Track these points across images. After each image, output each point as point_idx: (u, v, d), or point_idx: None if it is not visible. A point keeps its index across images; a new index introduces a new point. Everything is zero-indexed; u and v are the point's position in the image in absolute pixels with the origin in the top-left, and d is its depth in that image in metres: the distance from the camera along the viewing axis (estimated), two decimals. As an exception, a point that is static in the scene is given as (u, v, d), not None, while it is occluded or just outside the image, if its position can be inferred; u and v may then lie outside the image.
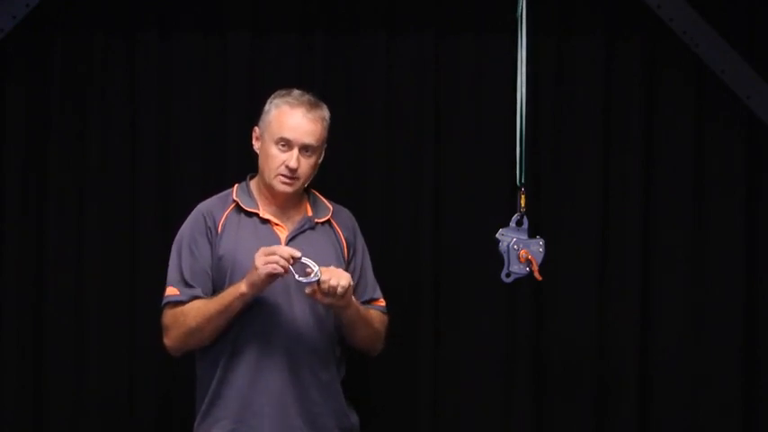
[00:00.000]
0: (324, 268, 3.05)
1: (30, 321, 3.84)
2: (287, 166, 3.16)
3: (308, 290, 3.06)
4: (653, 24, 3.85)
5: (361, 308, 3.21)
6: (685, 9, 3.81)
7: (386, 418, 3.83)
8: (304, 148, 3.18)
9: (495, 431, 3.89)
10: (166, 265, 3.24)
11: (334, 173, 3.74)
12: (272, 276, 3.03)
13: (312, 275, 3.04)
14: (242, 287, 3.07)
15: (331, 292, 3.03)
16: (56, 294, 3.84)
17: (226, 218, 3.23)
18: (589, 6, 3.90)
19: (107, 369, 3.83)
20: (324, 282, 3.03)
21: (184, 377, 3.45)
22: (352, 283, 3.09)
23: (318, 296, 3.06)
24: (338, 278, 3.05)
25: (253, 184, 3.29)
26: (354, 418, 3.29)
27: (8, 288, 3.84)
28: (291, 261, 3.03)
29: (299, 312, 3.14)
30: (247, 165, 3.37)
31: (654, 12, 3.82)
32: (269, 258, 3.03)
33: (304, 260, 3.05)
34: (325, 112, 3.26)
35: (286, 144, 3.18)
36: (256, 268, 3.03)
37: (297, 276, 3.04)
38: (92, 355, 3.83)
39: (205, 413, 3.19)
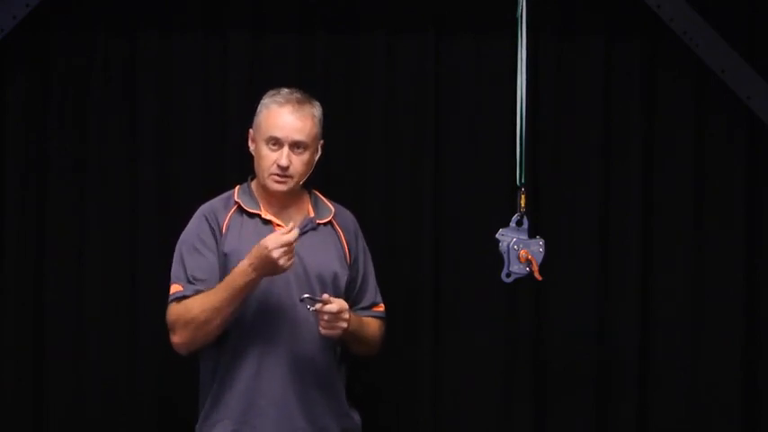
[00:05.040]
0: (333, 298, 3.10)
1: (30, 320, 3.84)
2: (278, 165, 3.16)
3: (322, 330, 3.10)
4: (653, 24, 3.85)
5: (357, 329, 3.19)
6: (685, 9, 3.81)
7: (387, 418, 3.83)
8: (294, 146, 3.17)
9: (495, 431, 3.90)
10: (167, 266, 3.23)
11: (334, 173, 3.75)
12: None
13: (317, 303, 3.07)
14: (250, 273, 3.03)
15: (324, 317, 3.06)
16: (56, 294, 3.84)
17: (229, 219, 3.22)
18: (589, 6, 3.90)
19: (107, 369, 3.83)
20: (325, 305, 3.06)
21: (186, 377, 3.45)
22: (342, 313, 3.09)
23: (322, 324, 3.08)
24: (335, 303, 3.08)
25: (254, 185, 3.28)
26: (357, 418, 3.29)
27: (8, 287, 3.84)
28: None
29: (300, 312, 3.13)
30: (247, 165, 3.37)
31: (654, 12, 3.82)
32: (286, 254, 3.01)
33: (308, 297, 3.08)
34: (316, 109, 3.23)
35: (276, 143, 3.17)
36: (278, 264, 3.00)
37: (309, 307, 3.06)
38: (92, 355, 3.83)
39: (207, 414, 3.19)
